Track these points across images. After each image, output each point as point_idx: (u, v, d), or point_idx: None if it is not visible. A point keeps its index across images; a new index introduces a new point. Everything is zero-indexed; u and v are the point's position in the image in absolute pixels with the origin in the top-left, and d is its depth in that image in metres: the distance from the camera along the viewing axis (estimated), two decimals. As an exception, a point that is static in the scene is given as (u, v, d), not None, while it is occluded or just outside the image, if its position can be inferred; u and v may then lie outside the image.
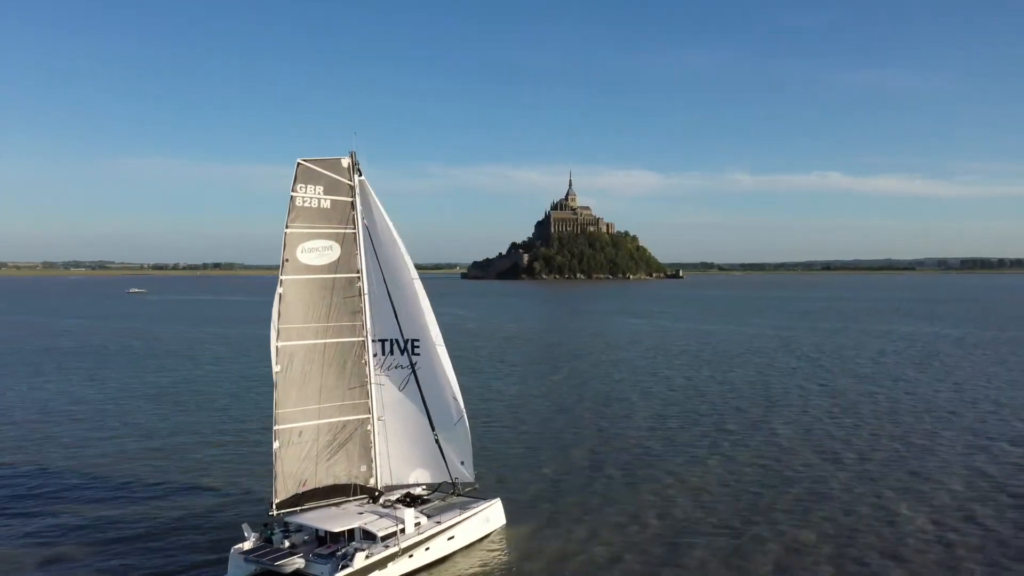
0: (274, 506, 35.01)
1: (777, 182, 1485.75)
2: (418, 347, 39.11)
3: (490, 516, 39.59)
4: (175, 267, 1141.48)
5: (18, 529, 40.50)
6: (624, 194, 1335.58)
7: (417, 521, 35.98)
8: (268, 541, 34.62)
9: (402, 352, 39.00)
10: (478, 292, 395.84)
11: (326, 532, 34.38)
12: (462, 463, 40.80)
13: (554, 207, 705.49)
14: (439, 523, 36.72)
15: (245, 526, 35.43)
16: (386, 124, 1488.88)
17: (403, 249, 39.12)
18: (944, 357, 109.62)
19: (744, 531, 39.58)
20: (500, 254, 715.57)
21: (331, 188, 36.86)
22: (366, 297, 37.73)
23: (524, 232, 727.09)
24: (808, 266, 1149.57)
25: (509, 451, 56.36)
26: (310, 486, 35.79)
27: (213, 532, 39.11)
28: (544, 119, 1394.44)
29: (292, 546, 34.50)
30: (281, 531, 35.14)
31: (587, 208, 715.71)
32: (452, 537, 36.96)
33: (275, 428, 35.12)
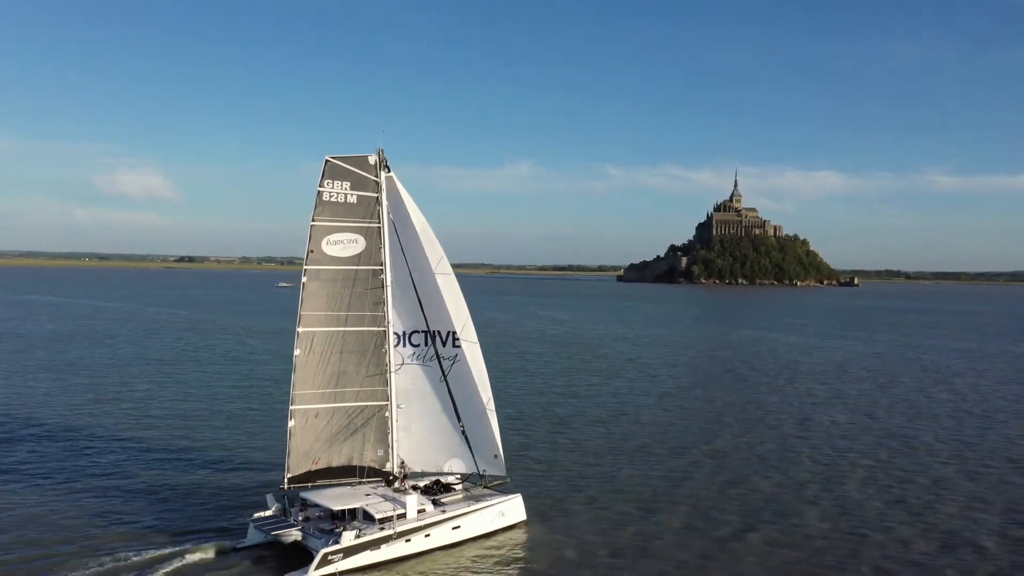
0: (285, 480, 37.43)
1: (982, 183, 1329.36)
2: (447, 340, 40.19)
3: (506, 511, 39.94)
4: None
5: (45, 483, 45.52)
6: (800, 196, 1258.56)
7: (421, 508, 37.11)
8: (286, 512, 37.13)
9: (430, 344, 40.18)
10: (614, 295, 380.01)
11: (328, 509, 36.34)
12: (495, 456, 41.44)
13: (717, 208, 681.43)
14: (444, 512, 37.61)
15: (269, 496, 38.27)
16: (565, 125, 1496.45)
17: (437, 245, 40.28)
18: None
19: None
20: (658, 256, 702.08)
21: (358, 184, 38.75)
22: (389, 289, 39.26)
23: (687, 235, 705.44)
24: (1014, 276, 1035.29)
25: (548, 452, 55.71)
26: (322, 464, 37.91)
27: (249, 498, 42.31)
28: (716, 117, 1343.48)
29: (306, 519, 36.81)
30: (299, 505, 37.53)
31: (753, 210, 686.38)
32: (457, 527, 37.72)
33: (291, 408, 37.59)
